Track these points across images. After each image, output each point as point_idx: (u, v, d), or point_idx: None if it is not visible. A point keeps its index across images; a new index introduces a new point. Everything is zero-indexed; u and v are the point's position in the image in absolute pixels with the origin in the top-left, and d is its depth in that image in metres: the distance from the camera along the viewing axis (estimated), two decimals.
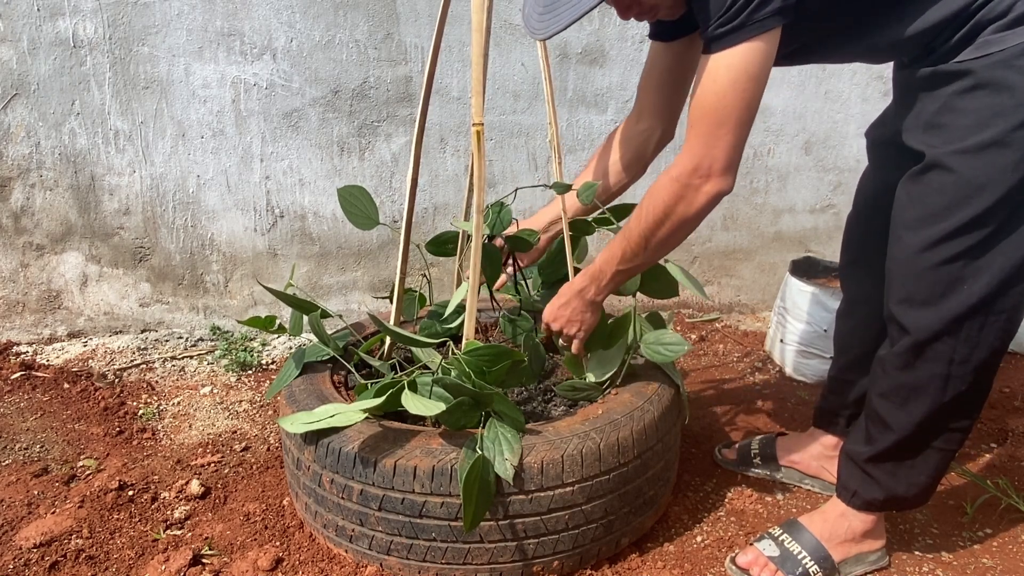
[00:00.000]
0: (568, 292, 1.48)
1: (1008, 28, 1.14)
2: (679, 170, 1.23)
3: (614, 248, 1.37)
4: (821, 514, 1.52)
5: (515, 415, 1.38)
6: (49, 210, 2.43)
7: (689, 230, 1.31)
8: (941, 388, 1.31)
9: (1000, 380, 2.28)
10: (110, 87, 2.32)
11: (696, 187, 1.23)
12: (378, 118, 2.45)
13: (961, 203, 1.20)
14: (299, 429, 1.40)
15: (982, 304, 1.25)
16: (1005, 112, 1.15)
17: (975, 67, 1.17)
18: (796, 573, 1.45)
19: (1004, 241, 1.21)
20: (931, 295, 1.27)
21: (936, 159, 1.22)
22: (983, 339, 1.28)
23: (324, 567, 1.48)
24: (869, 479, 1.44)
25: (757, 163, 2.63)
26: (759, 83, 1.17)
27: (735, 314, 2.81)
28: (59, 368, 2.34)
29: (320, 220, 2.54)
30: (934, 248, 1.24)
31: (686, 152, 1.22)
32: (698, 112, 1.20)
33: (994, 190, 1.18)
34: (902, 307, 1.32)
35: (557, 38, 2.41)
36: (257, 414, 2.13)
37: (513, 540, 1.36)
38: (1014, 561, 1.54)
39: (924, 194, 1.25)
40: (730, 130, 1.19)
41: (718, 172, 1.22)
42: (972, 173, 1.19)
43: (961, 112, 1.20)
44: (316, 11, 2.32)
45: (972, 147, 1.18)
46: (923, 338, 1.29)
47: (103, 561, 1.52)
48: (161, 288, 2.57)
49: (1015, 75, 1.14)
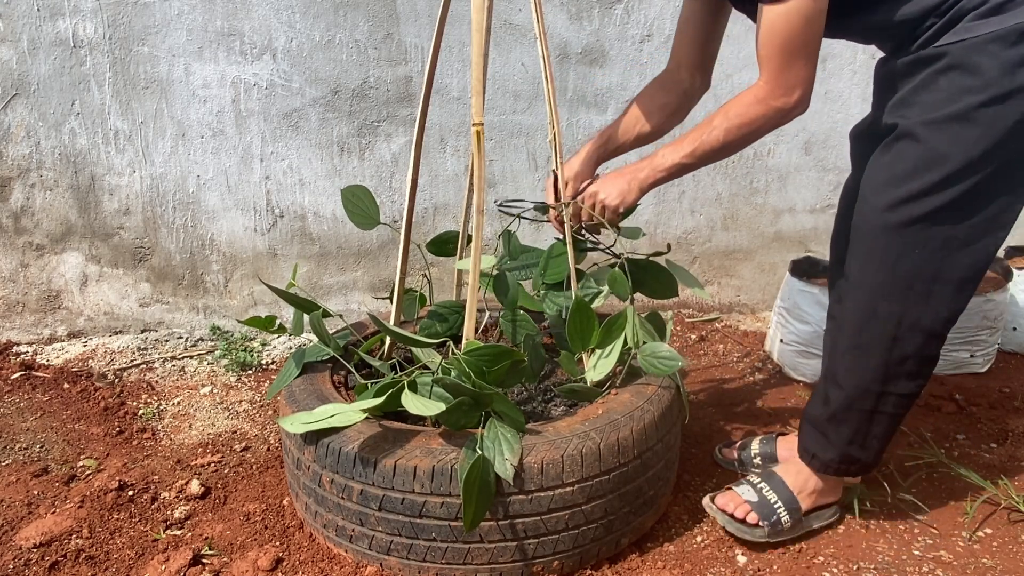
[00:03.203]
0: (623, 169, 1.53)
1: (983, 17, 1.24)
2: (766, 94, 1.34)
3: (684, 141, 1.44)
4: (795, 466, 1.62)
5: (515, 415, 1.38)
6: (49, 210, 2.43)
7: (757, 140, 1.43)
8: (888, 347, 1.41)
9: (1000, 380, 2.28)
10: (110, 87, 2.32)
11: (786, 111, 1.35)
12: (378, 118, 2.45)
13: (923, 169, 1.30)
14: (299, 429, 1.40)
15: (932, 271, 1.35)
16: (973, 90, 1.25)
17: (951, 50, 1.27)
18: (770, 520, 1.55)
19: (957, 212, 1.31)
20: (886, 256, 1.36)
21: (906, 129, 1.32)
22: (931, 304, 1.37)
23: (324, 567, 1.48)
24: (826, 441, 1.54)
25: (757, 163, 2.63)
26: (823, 13, 1.28)
27: (735, 314, 2.81)
28: (59, 368, 2.34)
29: (320, 220, 2.54)
30: (894, 209, 1.34)
31: (770, 81, 1.33)
32: (773, 44, 1.30)
33: (955, 161, 1.27)
34: (858, 263, 1.41)
35: (557, 38, 2.42)
36: (257, 414, 2.14)
37: (513, 540, 1.36)
38: (1014, 561, 1.54)
39: (891, 160, 1.35)
40: (807, 58, 1.31)
41: (804, 97, 1.34)
42: (937, 142, 1.28)
43: (934, 89, 1.30)
44: (316, 11, 2.32)
45: (939, 119, 1.28)
46: (875, 296, 1.40)
47: (103, 561, 1.52)
48: (161, 288, 2.57)
49: (986, 58, 1.24)
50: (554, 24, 2.41)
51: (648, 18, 2.43)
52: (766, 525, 1.55)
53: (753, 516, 1.56)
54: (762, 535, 1.55)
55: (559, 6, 2.39)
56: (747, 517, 1.56)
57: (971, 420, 2.07)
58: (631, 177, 1.50)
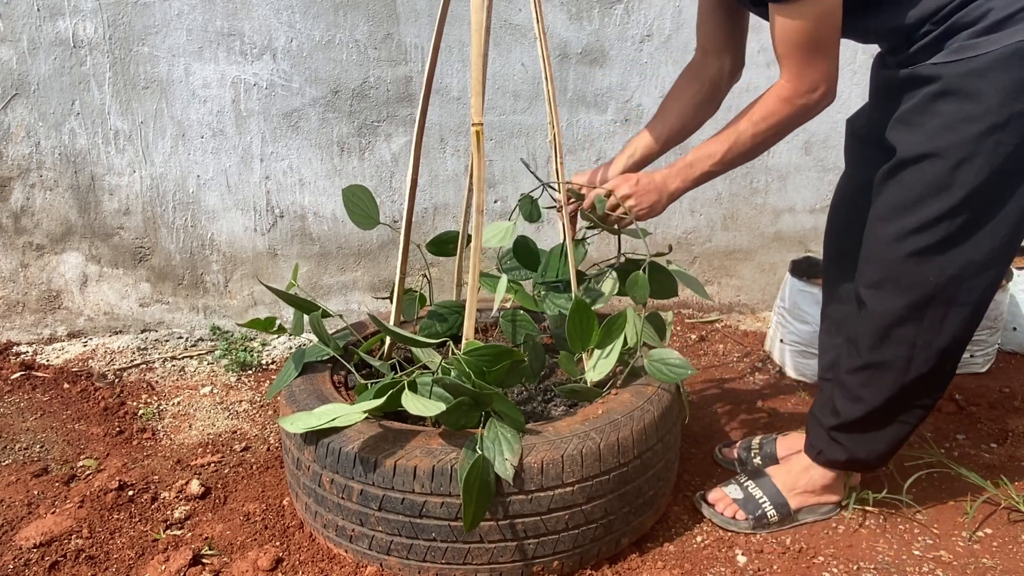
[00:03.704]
0: (654, 176, 1.50)
1: (981, 35, 1.23)
2: (790, 93, 1.33)
3: (713, 148, 1.43)
4: (787, 467, 1.67)
5: (515, 415, 1.38)
6: (49, 210, 2.43)
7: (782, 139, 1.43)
8: (904, 369, 1.42)
9: (1000, 380, 2.28)
10: (110, 87, 2.32)
11: (812, 107, 1.35)
12: (378, 118, 2.45)
13: (928, 199, 1.30)
14: (299, 429, 1.40)
15: (945, 296, 1.35)
16: (972, 119, 1.25)
17: (948, 72, 1.26)
18: (755, 514, 1.61)
19: (968, 239, 1.31)
20: (898, 284, 1.38)
21: (909, 157, 1.32)
22: (945, 327, 1.38)
23: (324, 567, 1.48)
24: (834, 443, 1.56)
25: (757, 163, 2.63)
26: (838, 8, 1.27)
27: (735, 314, 2.81)
28: (59, 368, 2.34)
29: (320, 220, 2.54)
30: (904, 240, 1.34)
31: (793, 79, 1.32)
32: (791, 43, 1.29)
33: (960, 189, 1.28)
34: (871, 291, 1.42)
35: (557, 38, 2.42)
36: (257, 414, 2.14)
37: (513, 540, 1.36)
38: (1014, 561, 1.54)
39: (898, 189, 1.35)
40: (827, 53, 1.30)
41: (829, 90, 1.33)
42: (940, 171, 1.28)
43: (933, 114, 1.29)
44: (316, 11, 2.32)
45: (941, 148, 1.28)
46: (889, 322, 1.40)
47: (103, 561, 1.52)
48: (161, 288, 2.57)
49: (984, 84, 1.23)
50: (554, 24, 2.41)
51: (648, 18, 2.43)
52: (751, 519, 1.61)
53: (741, 514, 1.62)
54: (747, 527, 1.61)
55: (559, 6, 2.39)
56: (736, 515, 1.62)
57: (971, 420, 2.07)
58: (662, 187, 1.48)
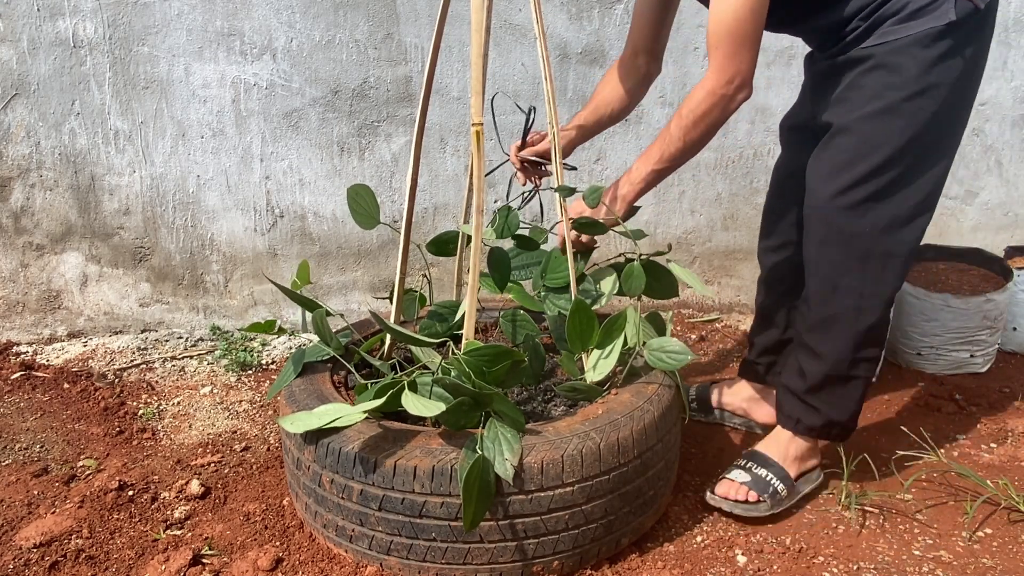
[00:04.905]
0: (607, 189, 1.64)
1: (903, 22, 1.42)
2: (713, 84, 1.44)
3: (651, 151, 1.55)
4: (774, 440, 1.73)
5: (515, 415, 1.38)
6: (49, 210, 2.43)
7: (716, 131, 1.52)
8: (855, 318, 1.57)
9: (1000, 380, 2.28)
10: (110, 87, 2.33)
11: (731, 97, 1.45)
12: (378, 118, 2.45)
13: (861, 158, 1.48)
14: (299, 429, 1.40)
15: (881, 247, 1.52)
16: (896, 87, 1.44)
17: (875, 52, 1.45)
18: (768, 492, 1.65)
19: (897, 194, 1.49)
20: (842, 236, 1.53)
21: (842, 125, 1.50)
22: (885, 277, 1.55)
23: (324, 567, 1.48)
24: (809, 407, 1.67)
25: (757, 163, 2.63)
26: (765, 5, 1.40)
27: (735, 314, 2.81)
28: (59, 368, 2.34)
29: (320, 220, 2.54)
30: (843, 194, 1.50)
31: (716, 70, 1.44)
32: (721, 34, 1.41)
33: (887, 148, 1.46)
34: (819, 248, 1.57)
35: (557, 38, 2.41)
36: (257, 414, 2.14)
37: (513, 540, 1.36)
38: (1014, 561, 1.54)
39: (832, 153, 1.52)
40: (750, 47, 1.43)
41: (745, 83, 1.45)
42: (870, 134, 1.47)
43: (862, 87, 1.48)
44: (316, 11, 2.32)
45: (869, 113, 1.46)
46: (837, 273, 1.56)
47: (103, 561, 1.52)
48: (161, 288, 2.57)
49: (906, 59, 1.42)
50: (554, 24, 2.41)
51: None
52: (767, 498, 1.64)
53: (753, 494, 1.64)
54: (767, 508, 1.64)
55: (559, 6, 2.39)
56: (748, 496, 1.64)
57: (971, 420, 2.07)
58: (613, 195, 1.61)
